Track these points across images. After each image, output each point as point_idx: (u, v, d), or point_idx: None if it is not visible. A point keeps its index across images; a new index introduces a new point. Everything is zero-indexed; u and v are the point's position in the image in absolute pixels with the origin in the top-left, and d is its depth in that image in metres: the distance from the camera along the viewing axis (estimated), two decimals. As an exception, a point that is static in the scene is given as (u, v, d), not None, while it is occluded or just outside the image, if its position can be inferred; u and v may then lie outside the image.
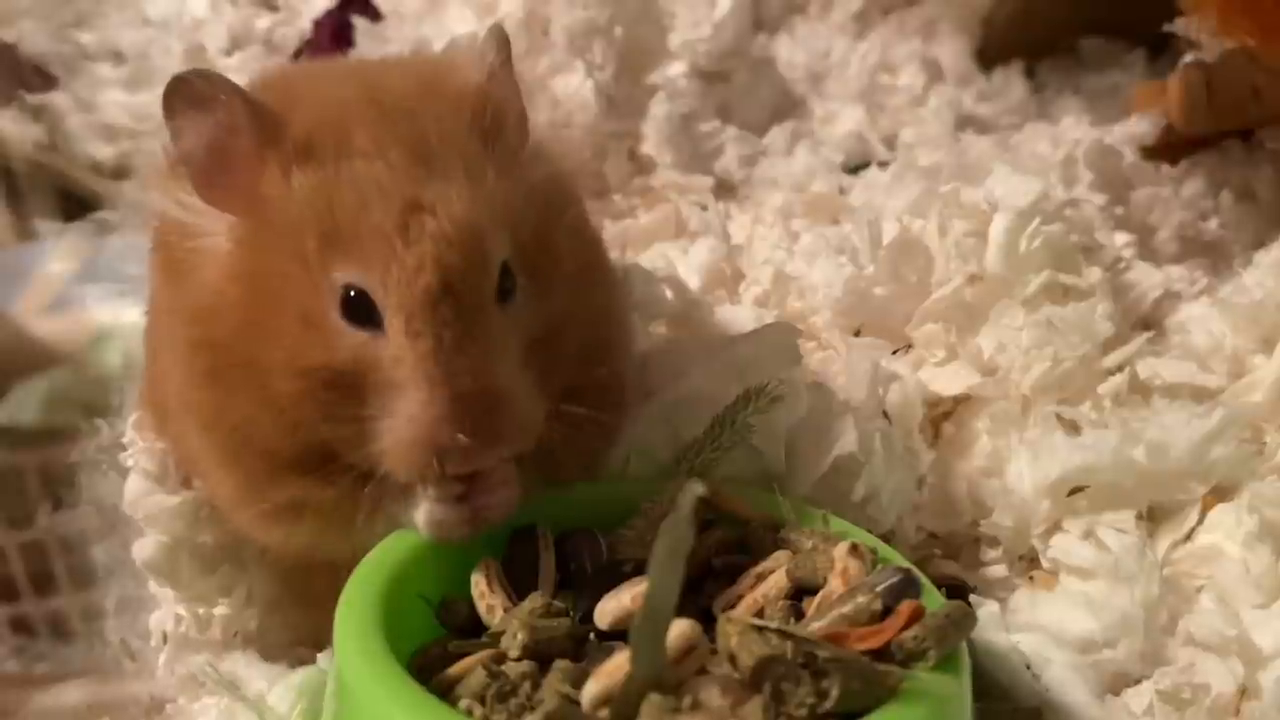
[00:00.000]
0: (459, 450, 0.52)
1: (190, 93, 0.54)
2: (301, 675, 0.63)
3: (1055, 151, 1.22)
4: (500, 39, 0.60)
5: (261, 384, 0.54)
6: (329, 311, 0.53)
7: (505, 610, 0.54)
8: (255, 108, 0.54)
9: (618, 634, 0.52)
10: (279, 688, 0.62)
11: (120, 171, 1.33)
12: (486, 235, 0.54)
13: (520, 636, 0.51)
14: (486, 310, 0.53)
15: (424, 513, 0.56)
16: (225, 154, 0.55)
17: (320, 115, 0.55)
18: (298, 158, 0.54)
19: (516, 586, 0.56)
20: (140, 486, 0.68)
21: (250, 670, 0.65)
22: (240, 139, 0.54)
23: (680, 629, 0.45)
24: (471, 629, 0.55)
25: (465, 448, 0.52)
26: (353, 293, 0.53)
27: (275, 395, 0.54)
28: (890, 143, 1.40)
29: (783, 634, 0.46)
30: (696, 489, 0.43)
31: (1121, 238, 1.05)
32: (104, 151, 1.36)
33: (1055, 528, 0.73)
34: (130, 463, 0.69)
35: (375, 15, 1.46)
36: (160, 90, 0.55)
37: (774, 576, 0.55)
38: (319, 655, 0.63)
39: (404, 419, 0.52)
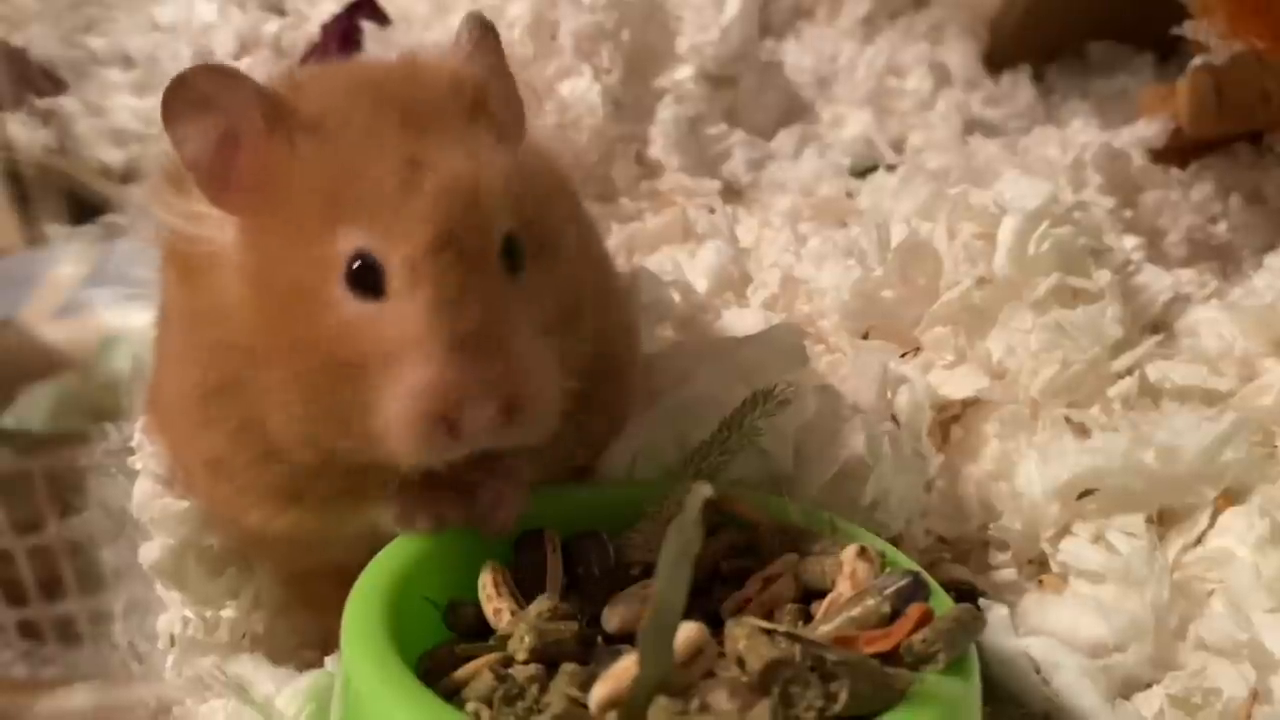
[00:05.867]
0: (470, 402, 0.50)
1: (193, 93, 0.53)
2: (309, 679, 0.63)
3: (1064, 155, 1.23)
4: (475, 25, 0.59)
5: (267, 381, 0.54)
6: (333, 286, 0.52)
7: (512, 613, 0.54)
8: (264, 91, 0.54)
9: (625, 637, 0.51)
10: (287, 691, 0.62)
11: (129, 175, 1.34)
12: (487, 193, 0.53)
13: (527, 640, 0.51)
14: (491, 269, 0.52)
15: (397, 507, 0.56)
16: (235, 145, 0.54)
17: (323, 97, 0.55)
18: (304, 134, 0.54)
19: (524, 590, 0.56)
20: (148, 489, 0.68)
21: (258, 673, 0.65)
22: (250, 124, 0.54)
23: (688, 632, 0.44)
24: (478, 632, 0.55)
25: (476, 396, 0.50)
26: (358, 262, 0.51)
27: (279, 390, 0.54)
28: (898, 146, 1.40)
29: (791, 637, 0.46)
30: (704, 491, 0.43)
31: (1130, 241, 1.05)
32: (113, 155, 1.37)
33: (1065, 531, 0.73)
34: (139, 466, 0.69)
35: (383, 20, 1.47)
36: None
37: (782, 580, 0.55)
38: (326, 659, 0.63)
39: (405, 381, 0.50)
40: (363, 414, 0.52)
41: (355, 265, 0.51)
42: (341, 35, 1.44)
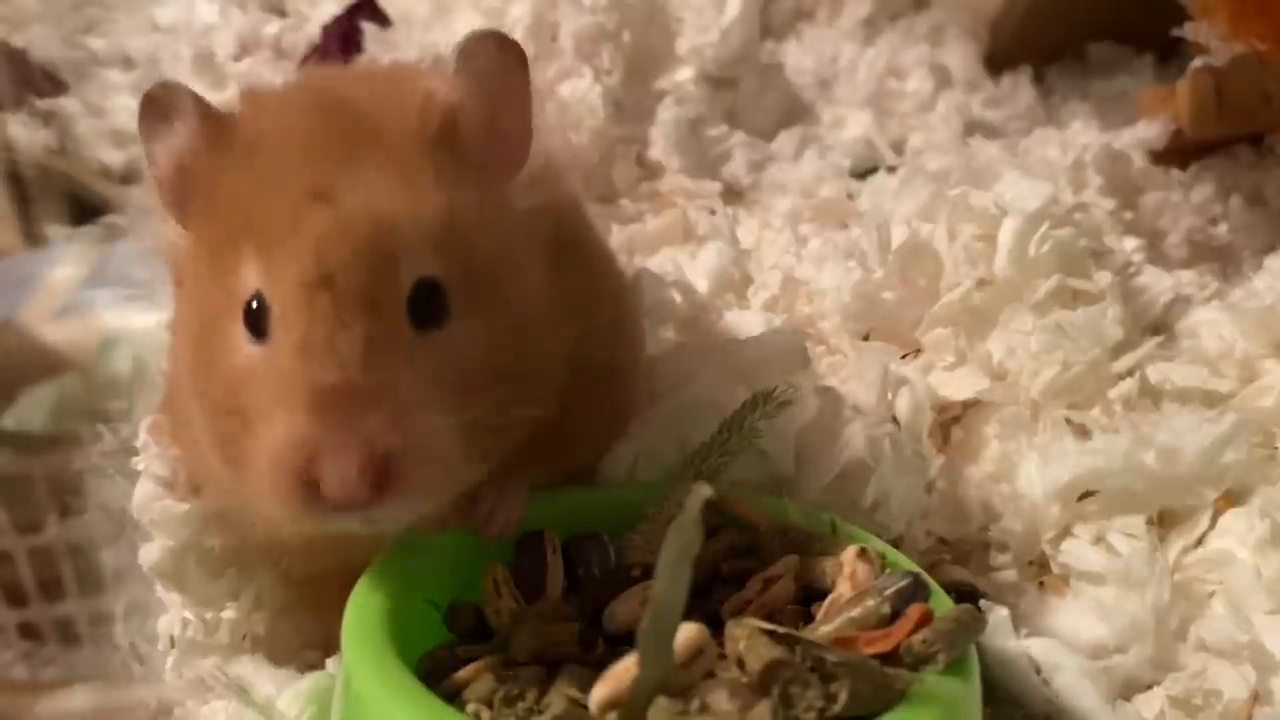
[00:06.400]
0: (331, 459, 0.44)
1: (156, 109, 0.53)
2: (310, 680, 0.62)
3: (1064, 156, 1.23)
4: (478, 44, 0.54)
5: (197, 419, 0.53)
6: (237, 324, 0.49)
7: (513, 615, 0.54)
8: (210, 112, 0.53)
9: (626, 638, 0.51)
10: (288, 693, 0.62)
11: (130, 176, 1.34)
12: (393, 234, 0.48)
13: (528, 641, 0.51)
14: (388, 317, 0.47)
15: None
16: (189, 168, 0.53)
17: (270, 117, 0.53)
18: (238, 156, 0.52)
19: (524, 591, 0.55)
20: (149, 491, 0.68)
21: (259, 675, 0.65)
22: (195, 142, 0.53)
23: (687, 633, 0.44)
24: (479, 633, 0.55)
25: (335, 453, 0.44)
26: (254, 303, 0.48)
27: (201, 431, 0.52)
28: (899, 148, 1.40)
29: (791, 638, 0.46)
30: (704, 492, 0.43)
31: (1131, 242, 1.05)
32: (113, 156, 1.37)
33: (1065, 533, 0.73)
34: (141, 467, 0.68)
35: (384, 21, 1.47)
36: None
37: (782, 581, 0.55)
38: (328, 661, 0.63)
39: (263, 435, 0.46)
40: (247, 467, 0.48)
41: (251, 306, 0.48)
42: (342, 36, 1.44)
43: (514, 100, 0.55)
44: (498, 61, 0.54)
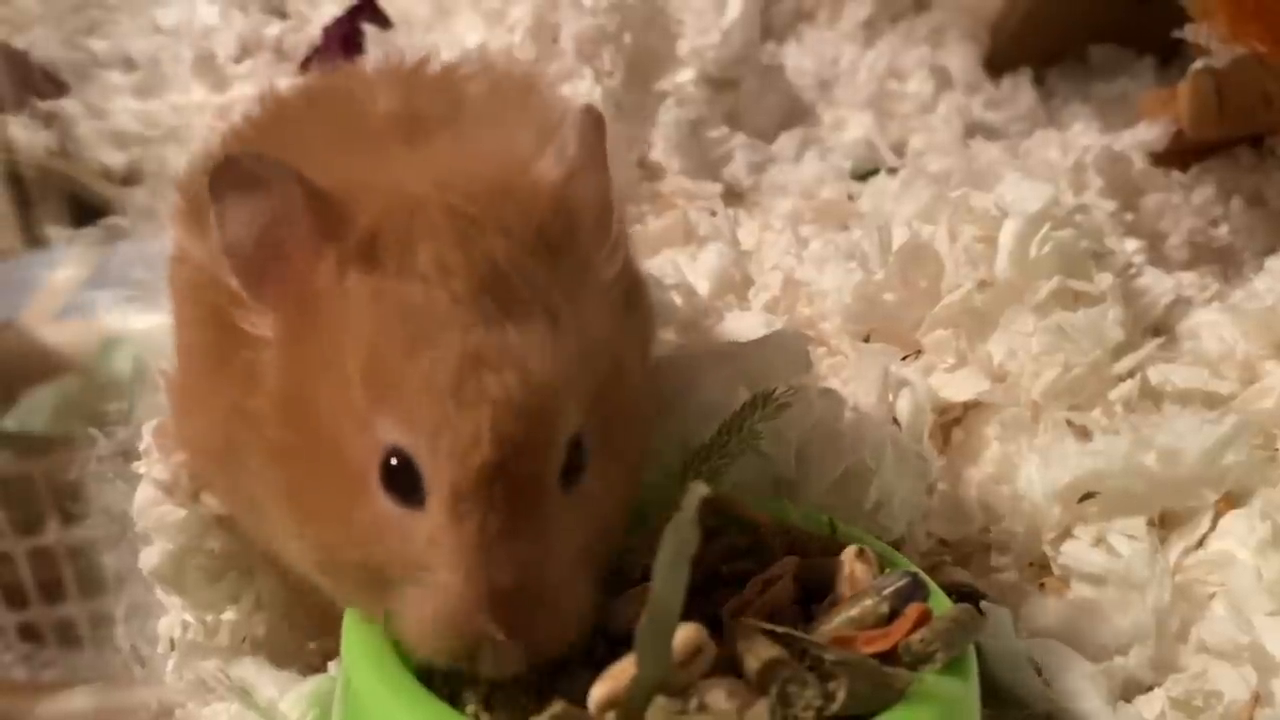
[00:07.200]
0: (491, 647, 0.45)
1: (239, 176, 0.48)
2: (313, 683, 0.62)
3: (1065, 158, 1.23)
4: (589, 121, 0.51)
5: (281, 509, 0.51)
6: (368, 470, 0.46)
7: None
8: (315, 193, 0.48)
9: (626, 640, 0.51)
10: (290, 696, 0.62)
11: (131, 177, 1.34)
12: (558, 404, 0.46)
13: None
14: (546, 494, 0.46)
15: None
16: (277, 244, 0.49)
17: (386, 212, 0.48)
18: (358, 258, 0.47)
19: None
20: (150, 495, 0.67)
21: (260, 676, 0.65)
22: (295, 227, 0.48)
23: (685, 632, 0.44)
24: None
25: (499, 645, 0.45)
26: (394, 459, 0.46)
27: (296, 535, 0.51)
28: (899, 150, 1.40)
29: (789, 637, 0.46)
30: (700, 491, 0.43)
31: (1132, 244, 1.05)
32: (114, 158, 1.37)
33: (1066, 534, 0.73)
34: (142, 470, 0.68)
35: (384, 23, 1.47)
36: (171, 97, 0.53)
37: (782, 582, 0.55)
38: (330, 663, 0.63)
39: (432, 597, 0.46)
40: (380, 595, 0.48)
41: (391, 462, 0.46)
42: (343, 38, 1.44)
43: (601, 172, 0.53)
44: (595, 133, 0.52)
